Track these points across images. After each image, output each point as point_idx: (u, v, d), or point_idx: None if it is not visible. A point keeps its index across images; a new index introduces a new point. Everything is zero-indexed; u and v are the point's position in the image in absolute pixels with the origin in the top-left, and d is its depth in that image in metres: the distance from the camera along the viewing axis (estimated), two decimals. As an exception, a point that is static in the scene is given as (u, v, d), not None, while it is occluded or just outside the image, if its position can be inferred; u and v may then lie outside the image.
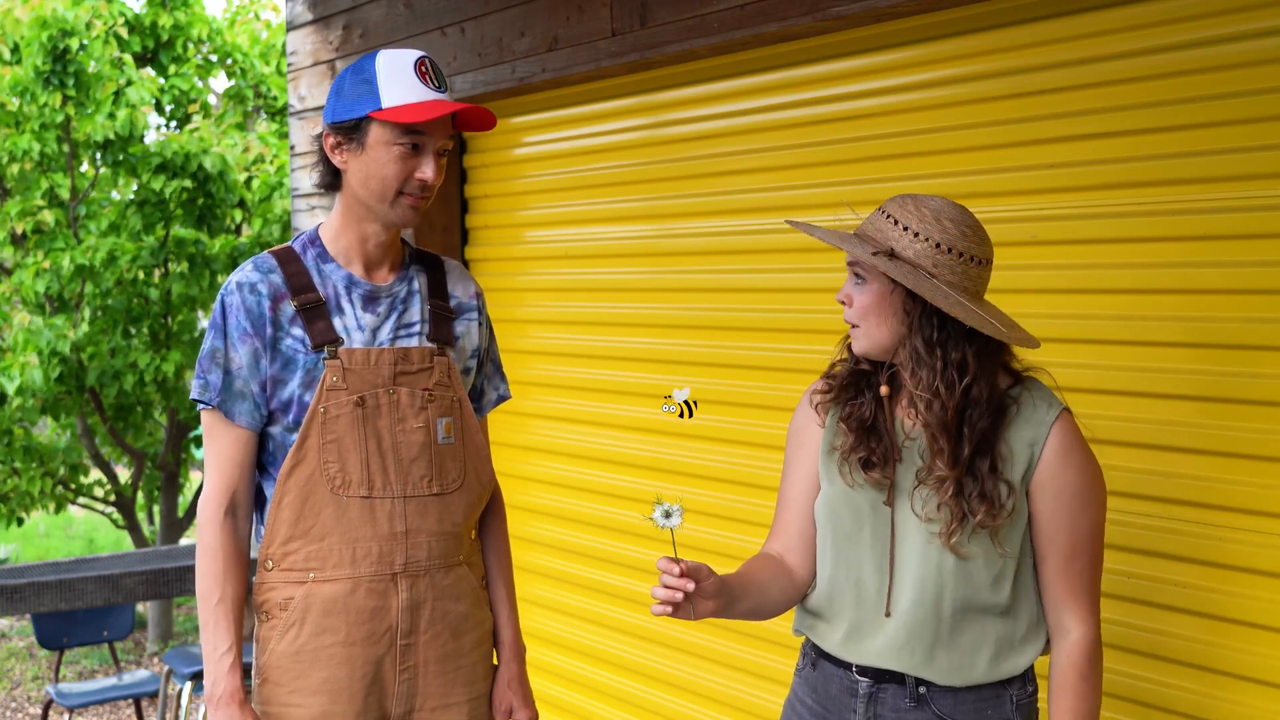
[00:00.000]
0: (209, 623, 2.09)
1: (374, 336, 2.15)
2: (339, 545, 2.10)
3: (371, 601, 2.11)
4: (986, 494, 1.83)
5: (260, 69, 8.12)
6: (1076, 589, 1.89)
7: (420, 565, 2.15)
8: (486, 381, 2.35)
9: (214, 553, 2.10)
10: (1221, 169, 2.29)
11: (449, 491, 2.19)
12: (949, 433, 1.82)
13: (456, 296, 2.27)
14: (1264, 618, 2.25)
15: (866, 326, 1.89)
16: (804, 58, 3.08)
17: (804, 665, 2.05)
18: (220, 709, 2.06)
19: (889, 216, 1.88)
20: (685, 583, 1.79)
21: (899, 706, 1.91)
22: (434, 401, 2.17)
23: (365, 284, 2.16)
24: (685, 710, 3.48)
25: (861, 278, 1.89)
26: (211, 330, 2.12)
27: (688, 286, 3.44)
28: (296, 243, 2.19)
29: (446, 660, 2.19)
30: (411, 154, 2.07)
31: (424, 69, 2.08)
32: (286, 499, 2.10)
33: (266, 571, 2.14)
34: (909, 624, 1.88)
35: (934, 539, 1.86)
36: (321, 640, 2.10)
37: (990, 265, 1.88)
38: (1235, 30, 2.27)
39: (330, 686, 2.11)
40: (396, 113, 2.03)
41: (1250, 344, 2.26)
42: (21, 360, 6.79)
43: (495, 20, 3.79)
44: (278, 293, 2.11)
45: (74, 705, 5.06)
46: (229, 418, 2.10)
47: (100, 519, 12.18)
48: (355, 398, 2.10)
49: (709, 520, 3.34)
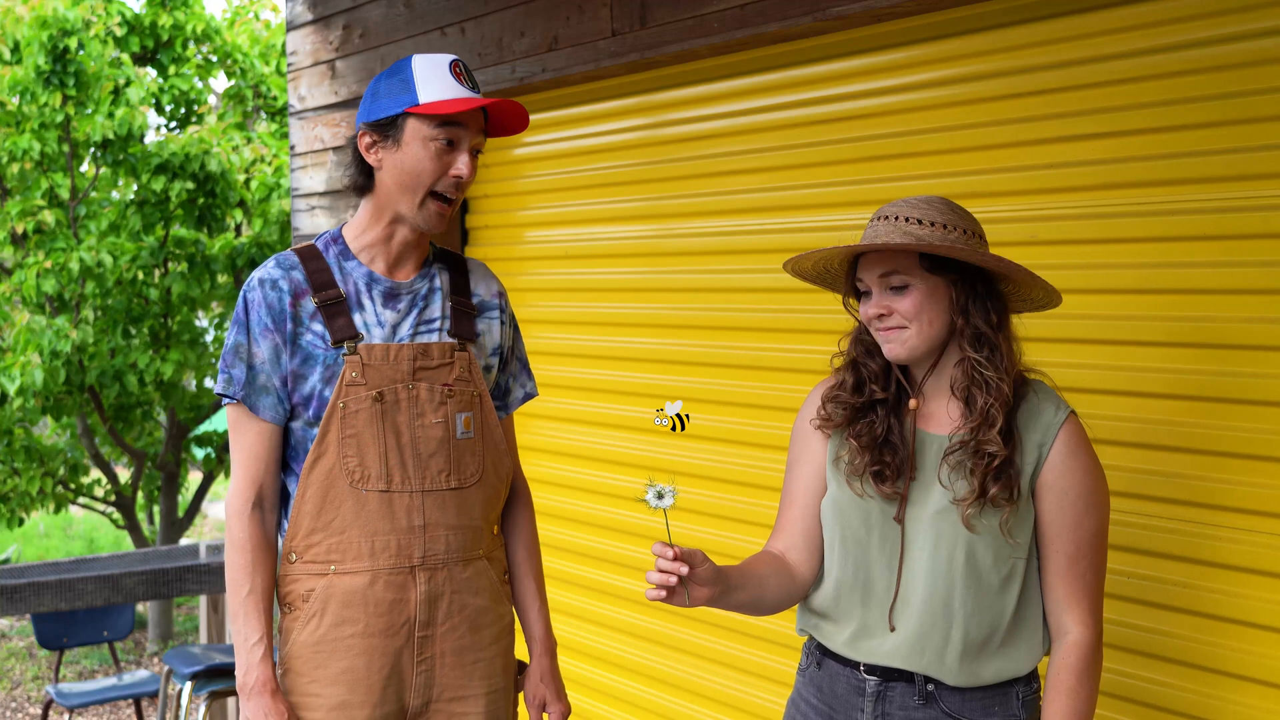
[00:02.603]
0: (239, 614, 2.13)
1: (394, 332, 2.18)
2: (358, 538, 2.14)
3: (390, 594, 2.14)
4: (1003, 473, 1.85)
5: (260, 69, 8.12)
6: (1078, 591, 1.89)
7: (438, 558, 2.17)
8: (512, 379, 2.37)
9: (242, 545, 2.14)
10: (1221, 169, 2.29)
11: (467, 486, 2.21)
12: (1007, 409, 1.86)
13: (479, 294, 2.29)
14: (1263, 618, 2.25)
15: (920, 324, 1.88)
16: (804, 58, 3.08)
17: (808, 664, 2.05)
18: (253, 698, 2.10)
19: (905, 220, 1.88)
20: (679, 566, 1.79)
21: (907, 705, 1.91)
22: (453, 397, 2.20)
23: (386, 280, 2.19)
24: (685, 710, 3.48)
25: (898, 286, 1.88)
26: (235, 326, 2.16)
27: (688, 286, 3.44)
28: (319, 241, 2.22)
29: (464, 653, 2.21)
30: (446, 150, 2.11)
31: (459, 70, 2.14)
32: (308, 493, 2.14)
33: (290, 564, 2.18)
34: (921, 626, 1.89)
35: (947, 516, 1.86)
36: (341, 631, 2.14)
37: (987, 243, 1.97)
38: (1235, 30, 2.27)
39: (349, 677, 2.14)
40: (433, 107, 2.08)
41: (1250, 344, 2.26)
42: (23, 360, 6.79)
43: (495, 20, 3.79)
44: (299, 289, 2.15)
45: (74, 705, 5.06)
46: (254, 412, 2.14)
47: (100, 519, 12.18)
48: (374, 393, 2.13)
49: (708, 520, 3.34)
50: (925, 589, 1.88)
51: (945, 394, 1.94)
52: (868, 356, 1.98)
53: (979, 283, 1.89)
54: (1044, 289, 1.90)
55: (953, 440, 1.90)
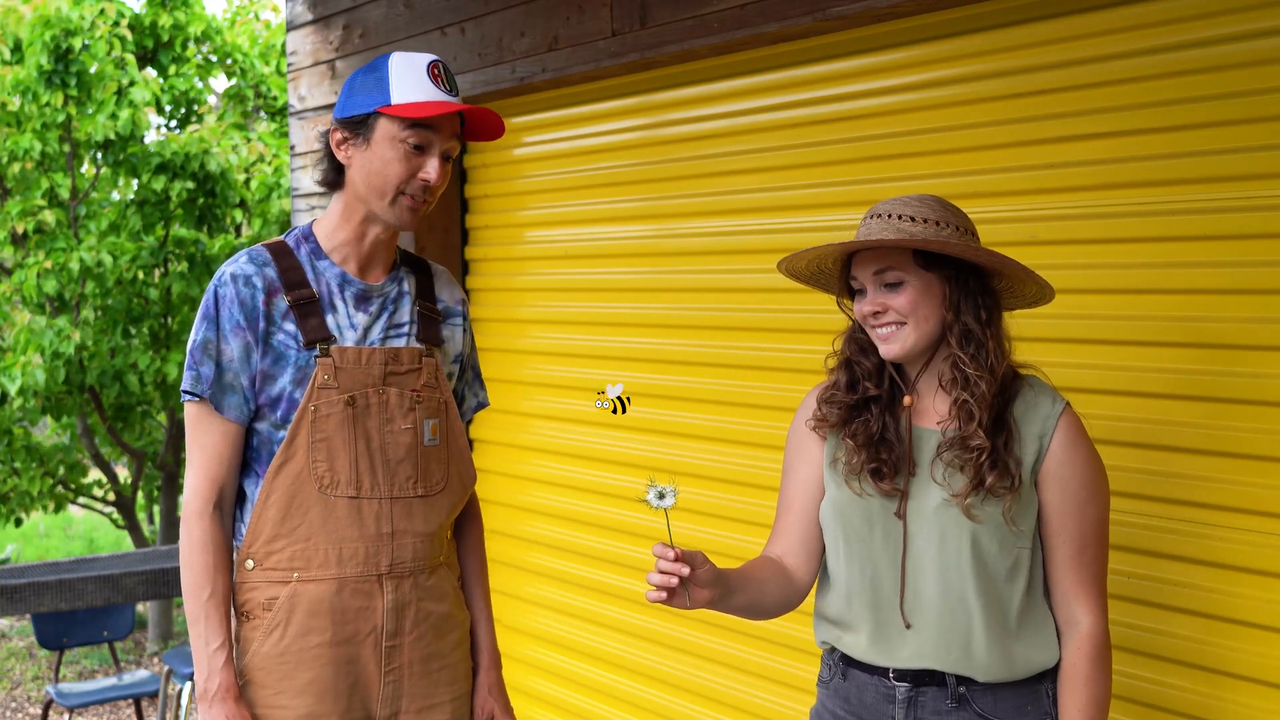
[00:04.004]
0: (199, 618, 2.06)
1: (365, 336, 2.14)
2: (325, 545, 2.09)
3: (356, 602, 2.11)
4: (999, 461, 1.86)
5: (260, 69, 8.12)
6: (1085, 580, 1.91)
7: (405, 567, 2.15)
8: (467, 388, 2.34)
9: (203, 546, 2.07)
10: (1221, 169, 2.29)
11: (433, 493, 2.18)
12: (990, 406, 1.87)
13: (443, 300, 2.27)
14: (1264, 618, 2.25)
15: (916, 320, 1.89)
16: (804, 58, 3.08)
17: (831, 676, 2.03)
18: (215, 705, 2.04)
19: (898, 217, 1.89)
20: (680, 567, 1.79)
21: (940, 709, 1.91)
22: (422, 403, 2.17)
23: (358, 283, 2.15)
24: (686, 711, 3.48)
25: (892, 283, 1.90)
26: (203, 321, 2.09)
27: (688, 286, 3.44)
28: (289, 237, 2.18)
29: (430, 660, 2.19)
30: (415, 153, 2.06)
31: (436, 71, 2.09)
32: (273, 497, 2.09)
33: (247, 571, 2.12)
34: (941, 622, 1.89)
35: (949, 511, 1.87)
36: (307, 641, 2.09)
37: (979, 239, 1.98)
38: (1235, 30, 2.27)
39: (317, 687, 2.09)
40: (404, 109, 2.04)
41: (1250, 344, 2.26)
42: (23, 360, 6.79)
43: (495, 20, 3.79)
44: (272, 287, 2.10)
45: (74, 705, 5.06)
46: (218, 410, 2.08)
47: (100, 519, 12.17)
48: (346, 397, 2.10)
49: (708, 520, 3.34)
50: (938, 585, 1.89)
51: (935, 389, 1.96)
52: (861, 355, 2.00)
53: (971, 279, 1.90)
54: (1037, 284, 1.92)
55: (945, 436, 1.91)
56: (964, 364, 1.88)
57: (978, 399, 1.87)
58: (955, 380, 1.90)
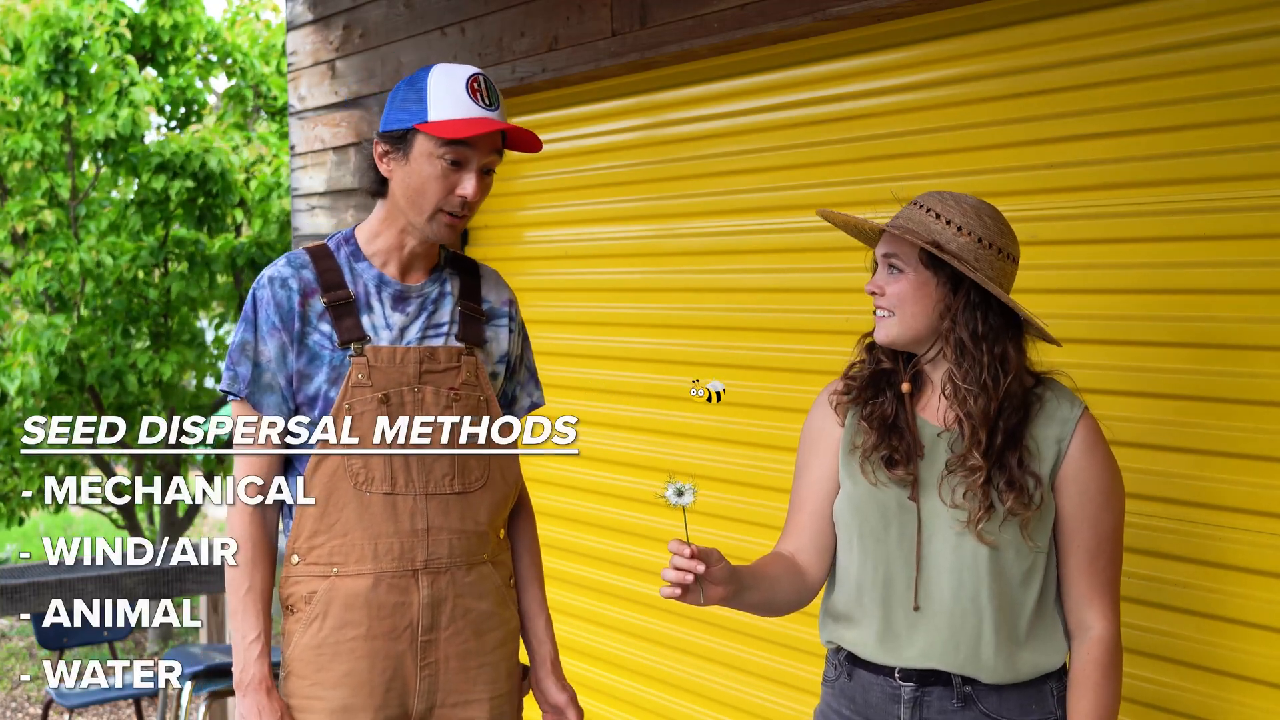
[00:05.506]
0: (238, 611, 2.13)
1: (401, 335, 2.17)
2: (361, 541, 2.13)
3: (393, 597, 2.14)
4: (1015, 483, 1.85)
5: (260, 69, 8.12)
6: (1099, 585, 1.91)
7: (441, 562, 2.17)
8: (520, 388, 2.35)
9: (244, 541, 2.14)
10: (1221, 169, 2.29)
11: (471, 490, 2.20)
12: (989, 425, 1.85)
13: (489, 301, 2.29)
14: (1264, 618, 2.25)
15: (902, 314, 1.90)
16: (804, 58, 3.07)
17: (836, 676, 2.03)
18: (249, 695, 2.10)
19: (928, 210, 1.90)
20: (695, 564, 1.79)
21: (945, 709, 1.90)
22: (459, 401, 2.18)
23: (396, 284, 2.18)
24: (688, 711, 3.47)
25: (897, 268, 1.91)
26: (242, 323, 2.15)
27: (688, 286, 3.44)
28: (331, 241, 2.22)
29: (468, 657, 2.20)
30: (453, 170, 2.09)
31: (476, 85, 2.10)
32: (312, 494, 2.14)
33: (293, 565, 2.17)
34: (951, 620, 1.88)
35: (964, 530, 1.87)
36: (343, 634, 2.13)
37: (1018, 264, 1.93)
38: (1235, 30, 2.27)
39: (351, 680, 2.13)
40: (440, 127, 2.06)
41: (1250, 344, 2.26)
42: (21, 360, 6.79)
43: (495, 20, 3.79)
44: (308, 288, 2.14)
45: (74, 705, 5.05)
46: (258, 409, 2.14)
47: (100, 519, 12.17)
48: (380, 395, 2.13)
49: (713, 521, 3.33)
50: (951, 583, 1.88)
51: (939, 388, 1.96)
52: None
53: (974, 292, 1.87)
54: (1036, 329, 1.91)
55: (949, 445, 1.91)
56: (955, 375, 1.88)
57: (969, 415, 1.86)
58: (954, 390, 1.89)
